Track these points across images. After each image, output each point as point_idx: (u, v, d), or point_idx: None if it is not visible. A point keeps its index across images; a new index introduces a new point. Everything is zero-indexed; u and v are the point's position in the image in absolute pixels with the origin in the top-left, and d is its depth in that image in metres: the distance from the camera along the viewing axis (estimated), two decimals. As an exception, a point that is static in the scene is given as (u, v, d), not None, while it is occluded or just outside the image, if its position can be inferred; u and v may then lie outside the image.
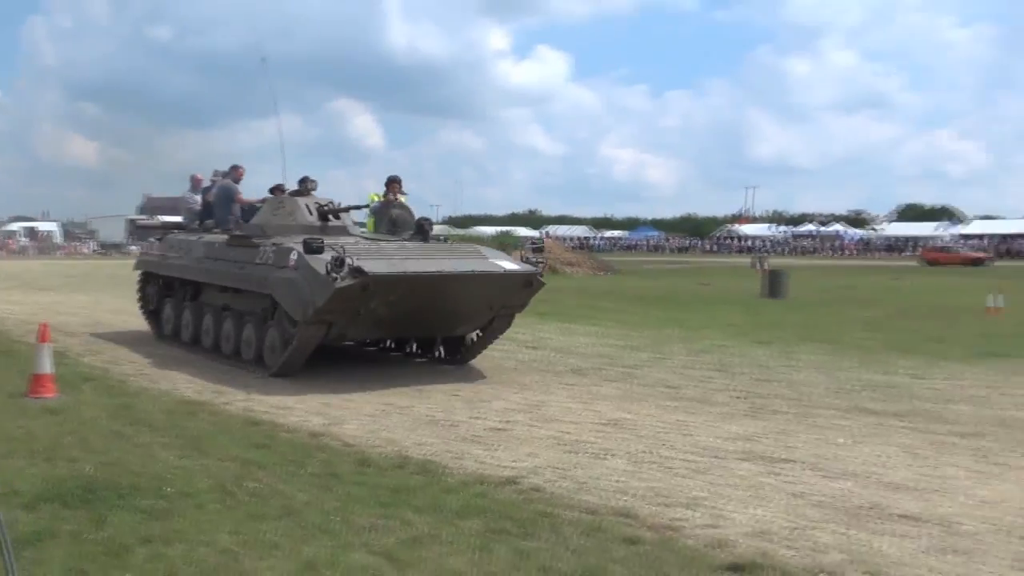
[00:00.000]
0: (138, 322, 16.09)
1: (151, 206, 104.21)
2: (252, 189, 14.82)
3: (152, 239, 16.81)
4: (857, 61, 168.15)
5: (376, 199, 12.99)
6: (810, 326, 18.19)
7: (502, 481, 6.56)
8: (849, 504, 6.15)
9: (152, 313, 15.37)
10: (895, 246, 76.94)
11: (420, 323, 11.42)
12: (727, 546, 5.21)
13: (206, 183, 15.55)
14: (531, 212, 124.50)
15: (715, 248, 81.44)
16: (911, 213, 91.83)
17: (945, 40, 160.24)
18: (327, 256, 10.09)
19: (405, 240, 12.33)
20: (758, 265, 45.93)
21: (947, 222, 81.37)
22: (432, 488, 6.36)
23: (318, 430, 8.24)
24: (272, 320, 11.20)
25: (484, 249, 12.49)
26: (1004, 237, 72.05)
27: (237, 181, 13.91)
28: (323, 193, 13.17)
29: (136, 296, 16.13)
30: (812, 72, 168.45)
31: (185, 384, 10.66)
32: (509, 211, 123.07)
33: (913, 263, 60.89)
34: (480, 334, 12.19)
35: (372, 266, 10.00)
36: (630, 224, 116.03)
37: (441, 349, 12.93)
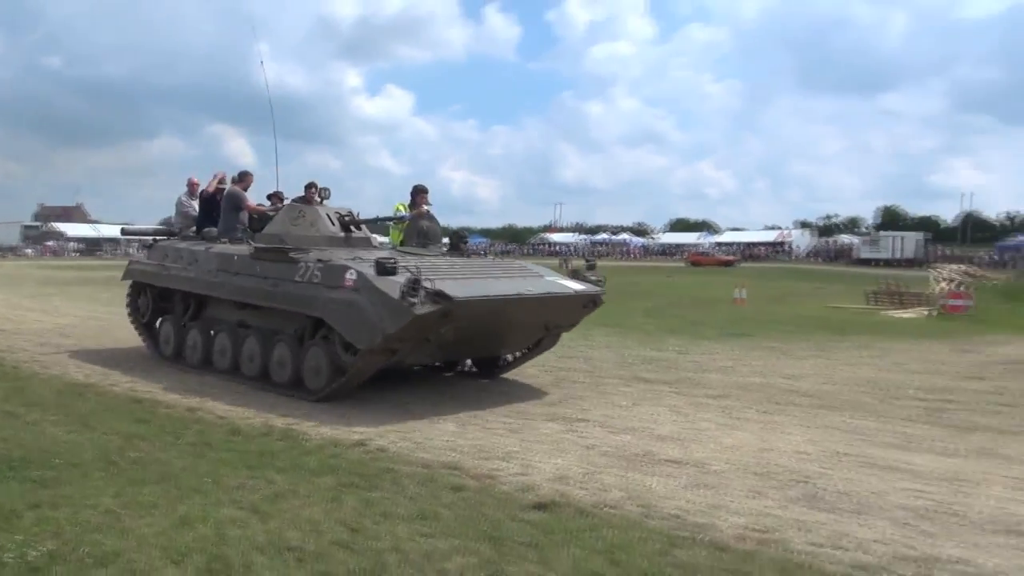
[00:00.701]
0: (33, 316, 14.91)
1: (44, 214, 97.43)
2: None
3: (143, 247, 12.85)
4: (639, 106, 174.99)
5: (402, 209, 10.03)
6: (603, 313, 18.62)
7: (353, 444, 6.48)
8: (628, 453, 6.38)
9: (146, 327, 11.36)
10: (668, 251, 79.97)
11: (477, 345, 8.87)
12: (533, 489, 5.33)
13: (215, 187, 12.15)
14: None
15: (531, 252, 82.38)
16: (680, 225, 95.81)
17: (705, 92, 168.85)
18: (400, 278, 7.39)
19: (444, 255, 9.65)
20: (564, 265, 46.86)
21: (706, 232, 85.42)
22: (293, 451, 6.21)
23: (195, 405, 7.89)
24: (312, 340, 8.42)
25: (530, 266, 9.71)
26: (748, 244, 76.28)
27: (246, 189, 10.70)
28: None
29: (126, 308, 11.80)
30: (605, 113, 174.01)
31: (75, 369, 9.97)
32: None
33: (681, 264, 63.61)
34: (522, 352, 9.73)
35: (453, 289, 7.41)
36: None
37: (470, 364, 10.24)
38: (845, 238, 73.99)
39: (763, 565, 4.12)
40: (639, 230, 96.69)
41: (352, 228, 9.68)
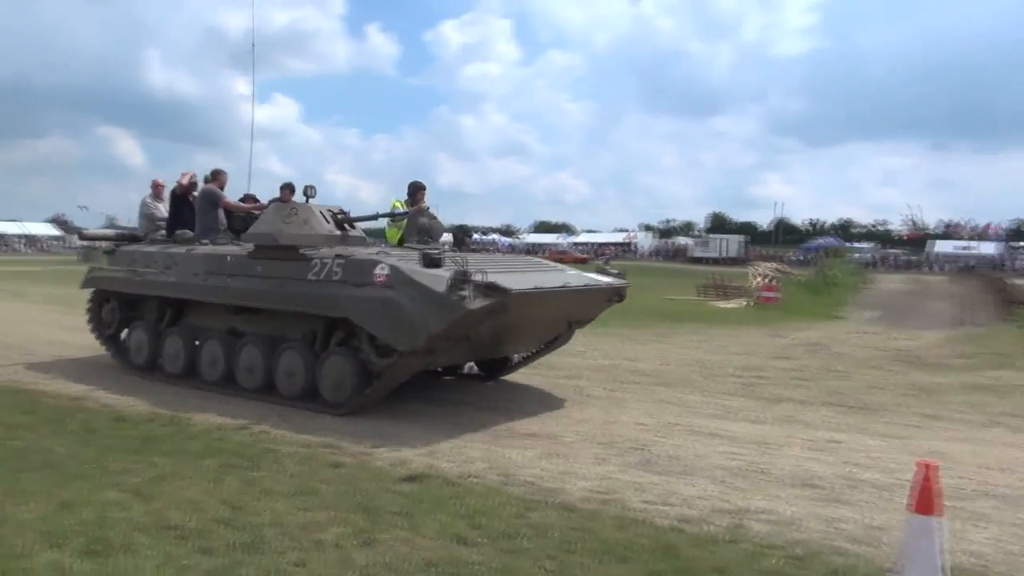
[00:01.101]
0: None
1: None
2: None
3: (81, 254, 11.15)
4: (507, 121, 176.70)
5: (400, 206, 8.83)
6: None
7: (237, 427, 6.22)
8: (492, 429, 6.43)
9: (111, 339, 9.23)
10: (532, 250, 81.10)
11: (502, 344, 7.64)
12: (406, 464, 5.28)
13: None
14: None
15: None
16: (543, 227, 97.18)
17: (563, 110, 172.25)
18: (444, 271, 6.25)
19: (455, 250, 7.99)
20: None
21: (565, 234, 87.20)
22: (177, 436, 5.90)
23: (79, 395, 7.36)
24: (333, 347, 6.95)
25: (543, 260, 8.81)
26: (600, 244, 78.48)
27: (221, 187, 9.13)
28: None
29: (88, 320, 9.47)
30: (477, 126, 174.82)
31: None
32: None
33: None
34: (532, 351, 8.51)
35: (508, 281, 6.31)
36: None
37: (474, 366, 8.94)
38: (681, 239, 77.23)
39: (604, 522, 4.25)
40: (507, 231, 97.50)
41: (346, 226, 8.25)
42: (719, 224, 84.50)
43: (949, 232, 65.19)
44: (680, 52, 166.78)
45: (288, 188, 8.87)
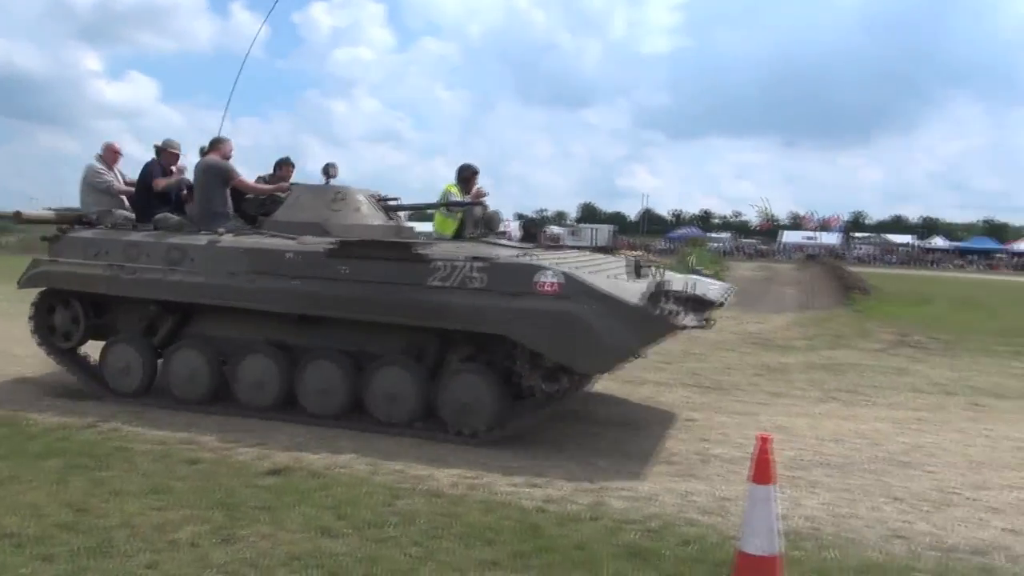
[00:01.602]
0: None
1: None
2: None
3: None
4: (380, 107, 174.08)
5: (454, 192, 7.55)
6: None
7: (84, 426, 5.81)
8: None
9: (69, 355, 7.04)
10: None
11: None
12: (270, 457, 5.12)
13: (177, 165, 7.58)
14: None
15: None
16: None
17: (438, 98, 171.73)
18: (634, 283, 5.59)
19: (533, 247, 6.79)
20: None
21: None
22: (16, 438, 5.43)
23: None
24: (455, 364, 5.83)
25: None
26: (476, 233, 78.88)
27: (226, 158, 7.05)
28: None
29: (32, 329, 7.03)
30: (349, 112, 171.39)
31: None
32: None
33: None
34: None
35: (713, 293, 5.62)
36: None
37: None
38: (554, 229, 78.94)
39: (471, 507, 4.30)
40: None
41: (391, 215, 7.23)
42: (590, 214, 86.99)
43: (797, 223, 70.19)
44: (552, 45, 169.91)
45: (287, 164, 7.56)
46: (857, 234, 65.41)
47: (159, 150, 7.35)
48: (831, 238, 62.02)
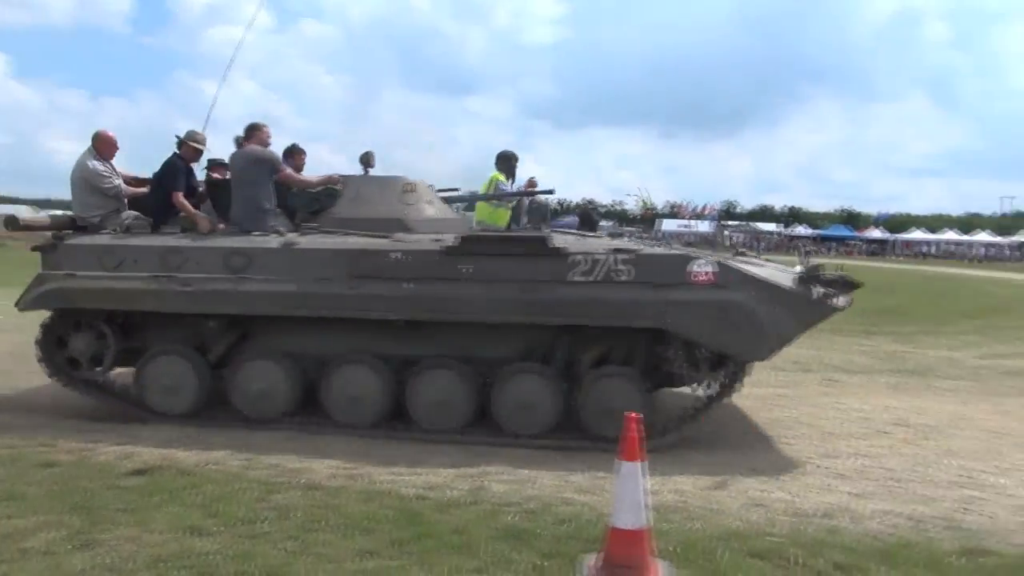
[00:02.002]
0: None
1: None
2: None
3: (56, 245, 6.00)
4: (258, 90, 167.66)
5: (502, 181, 7.16)
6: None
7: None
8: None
9: (87, 381, 6.05)
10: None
11: None
12: (135, 456, 4.89)
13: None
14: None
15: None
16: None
17: (320, 83, 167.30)
18: (780, 267, 5.66)
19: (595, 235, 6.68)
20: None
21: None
22: None
23: None
24: (588, 367, 5.55)
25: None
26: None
27: (265, 147, 6.21)
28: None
29: (40, 357, 6.03)
30: (224, 94, 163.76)
31: None
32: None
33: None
34: None
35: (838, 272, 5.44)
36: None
37: None
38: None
39: (350, 497, 4.25)
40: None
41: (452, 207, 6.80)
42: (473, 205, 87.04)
43: (674, 212, 73.08)
44: (436, 32, 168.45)
45: (299, 151, 6.79)
46: (730, 222, 68.83)
47: (181, 143, 6.34)
48: (704, 226, 65.00)
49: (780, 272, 5.47)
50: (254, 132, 6.21)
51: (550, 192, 7.49)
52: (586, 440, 5.42)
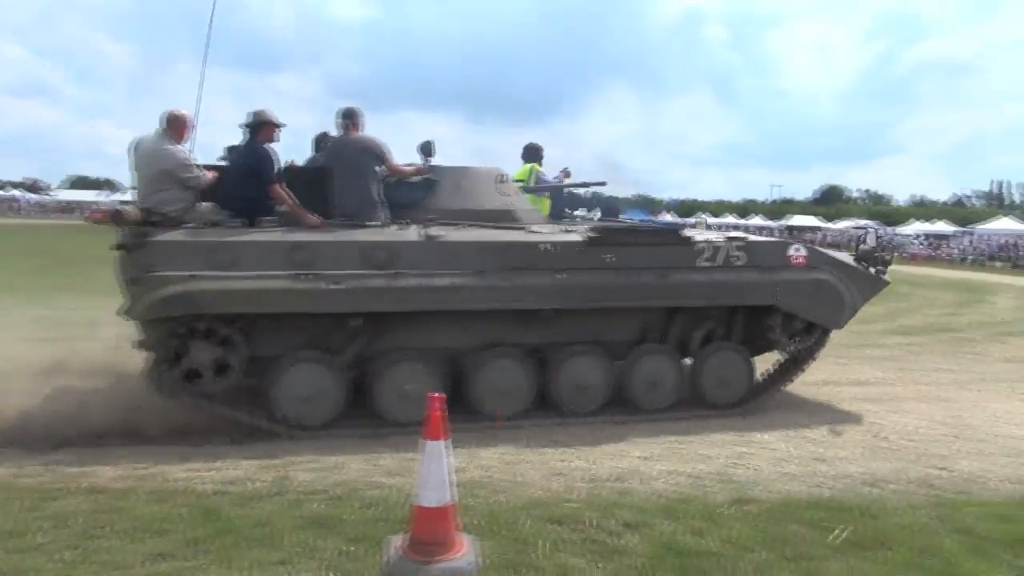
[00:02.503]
0: None
1: None
2: None
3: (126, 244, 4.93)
4: (26, 54, 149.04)
5: (540, 171, 7.37)
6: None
7: None
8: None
9: (203, 395, 5.11)
10: (68, 209, 70.46)
11: None
12: None
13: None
14: None
15: None
16: (81, 183, 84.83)
17: (103, 51, 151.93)
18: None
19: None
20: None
21: (108, 191, 77.51)
22: None
23: None
24: (698, 342, 6.20)
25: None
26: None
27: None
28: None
29: (157, 379, 4.99)
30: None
31: None
32: None
33: (81, 222, 56.56)
34: None
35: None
36: None
37: None
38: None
39: (140, 498, 3.98)
40: (33, 186, 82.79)
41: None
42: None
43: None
44: (237, 2, 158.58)
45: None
46: (537, 207, 71.27)
47: (257, 125, 5.49)
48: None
49: (841, 253, 6.75)
50: (358, 118, 5.88)
51: (602, 184, 8.18)
52: (706, 410, 6.12)
